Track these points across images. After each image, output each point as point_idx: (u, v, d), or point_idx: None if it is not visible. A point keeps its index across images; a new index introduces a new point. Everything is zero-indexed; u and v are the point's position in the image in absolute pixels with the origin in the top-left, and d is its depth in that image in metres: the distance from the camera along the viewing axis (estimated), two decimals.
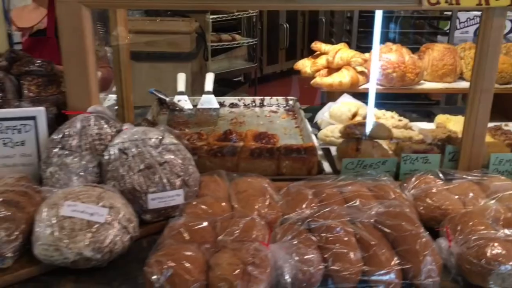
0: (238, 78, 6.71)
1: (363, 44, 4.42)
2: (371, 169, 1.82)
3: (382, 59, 2.41)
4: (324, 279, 1.26)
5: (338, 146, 1.96)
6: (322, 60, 2.55)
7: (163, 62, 4.14)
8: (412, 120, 2.41)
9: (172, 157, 1.57)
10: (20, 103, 1.83)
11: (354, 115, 2.20)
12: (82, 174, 1.54)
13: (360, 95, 2.47)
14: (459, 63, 2.55)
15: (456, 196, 1.58)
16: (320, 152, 2.14)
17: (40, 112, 1.65)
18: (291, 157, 1.88)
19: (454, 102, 3.94)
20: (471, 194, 1.58)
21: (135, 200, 1.49)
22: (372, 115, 2.26)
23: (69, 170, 1.54)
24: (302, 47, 8.40)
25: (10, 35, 2.50)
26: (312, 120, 2.50)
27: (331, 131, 2.12)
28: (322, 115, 2.30)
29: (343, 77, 2.41)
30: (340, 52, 2.48)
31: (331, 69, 2.51)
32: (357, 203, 1.53)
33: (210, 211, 1.47)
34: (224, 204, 1.53)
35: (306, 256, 1.25)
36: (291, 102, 2.86)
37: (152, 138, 1.58)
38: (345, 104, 2.23)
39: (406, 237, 1.32)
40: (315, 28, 7.44)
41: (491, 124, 2.27)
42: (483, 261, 1.25)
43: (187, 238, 1.32)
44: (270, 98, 2.91)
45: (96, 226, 1.31)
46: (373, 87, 2.30)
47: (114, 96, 2.20)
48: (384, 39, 4.50)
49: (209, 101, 2.86)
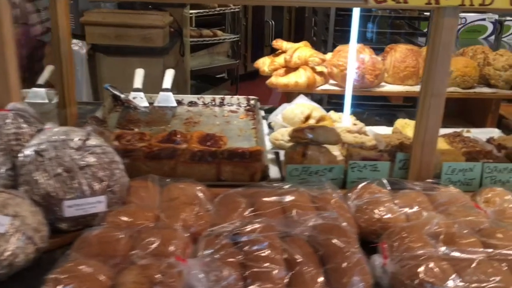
0: (222, 75, 6.57)
1: (340, 43, 4.30)
2: (317, 176, 1.72)
3: (341, 59, 2.30)
4: None
5: (286, 151, 1.85)
6: (280, 59, 2.44)
7: (134, 57, 3.99)
8: (375, 124, 2.31)
9: (96, 160, 1.45)
10: None
11: (307, 118, 2.09)
12: None
13: (336, 98, 2.35)
14: (422, 65, 2.45)
15: (400, 208, 1.48)
16: (272, 156, 2.04)
17: None
18: (233, 161, 1.77)
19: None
20: (416, 206, 1.48)
21: (49, 207, 1.37)
22: (329, 118, 2.16)
23: None
24: None
25: None
26: None
27: (282, 134, 2.01)
28: (275, 117, 2.18)
29: (299, 77, 2.31)
30: (298, 51, 2.37)
31: (289, 68, 2.40)
32: (293, 214, 1.42)
33: (131, 220, 1.36)
34: (149, 213, 1.41)
35: (223, 274, 1.14)
36: (252, 102, 2.74)
37: (74, 139, 1.46)
38: (299, 106, 2.12)
39: (335, 254, 1.21)
40: (301, 26, 7.34)
41: (450, 130, 2.18)
42: (415, 281, 1.15)
43: (96, 252, 1.20)
44: (231, 97, 2.79)
45: None
46: (349, 90, 2.16)
47: (42, 90, 2.06)
48: (362, 39, 4.41)
49: (166, 99, 2.74)
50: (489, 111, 2.50)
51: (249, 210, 1.45)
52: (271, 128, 2.30)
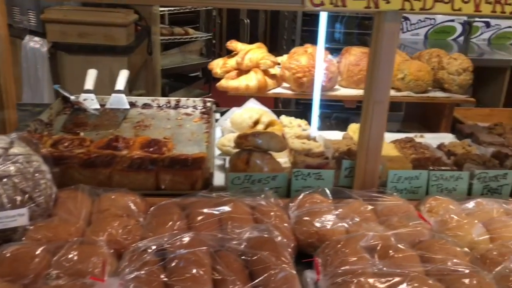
0: (196, 73, 6.45)
1: (308, 43, 4.27)
2: (261, 184, 1.65)
3: (292, 62, 2.24)
4: None
5: (230, 158, 1.78)
6: (232, 61, 2.37)
7: (97, 56, 3.87)
8: (329, 129, 2.26)
9: (17, 170, 1.35)
10: None
11: (256, 123, 2.03)
12: None
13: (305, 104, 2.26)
14: None
15: (340, 220, 1.42)
16: (221, 162, 1.97)
17: None
18: (173, 169, 1.69)
19: None
20: (357, 217, 1.43)
21: None
22: (279, 123, 2.10)
23: None
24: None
25: None
26: None
27: (229, 140, 1.94)
28: (224, 121, 2.11)
29: (250, 80, 2.24)
30: (250, 53, 2.30)
31: (241, 71, 2.34)
32: (228, 227, 1.35)
33: (51, 235, 1.27)
34: (72, 227, 1.32)
35: None
36: (208, 105, 2.66)
37: None
38: (247, 110, 2.05)
39: (264, 270, 1.15)
40: (277, 26, 7.29)
41: (402, 136, 2.14)
42: None
43: (7, 271, 1.11)
44: (186, 99, 2.71)
45: None
46: (317, 93, 2.08)
47: None
48: (330, 39, 4.36)
49: (118, 100, 2.64)
50: (443, 115, 2.48)
51: (182, 222, 1.38)
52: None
